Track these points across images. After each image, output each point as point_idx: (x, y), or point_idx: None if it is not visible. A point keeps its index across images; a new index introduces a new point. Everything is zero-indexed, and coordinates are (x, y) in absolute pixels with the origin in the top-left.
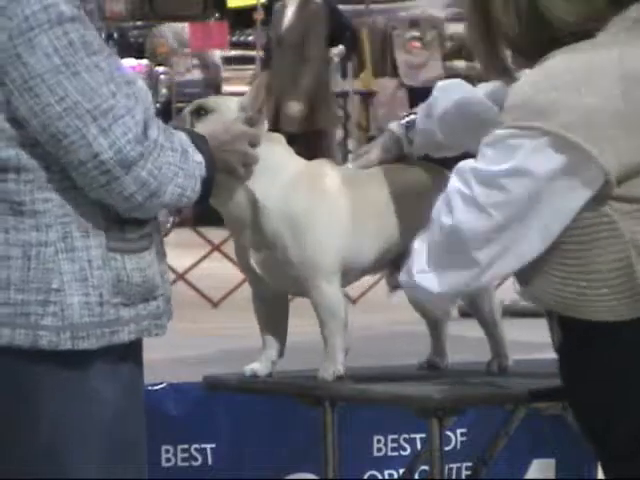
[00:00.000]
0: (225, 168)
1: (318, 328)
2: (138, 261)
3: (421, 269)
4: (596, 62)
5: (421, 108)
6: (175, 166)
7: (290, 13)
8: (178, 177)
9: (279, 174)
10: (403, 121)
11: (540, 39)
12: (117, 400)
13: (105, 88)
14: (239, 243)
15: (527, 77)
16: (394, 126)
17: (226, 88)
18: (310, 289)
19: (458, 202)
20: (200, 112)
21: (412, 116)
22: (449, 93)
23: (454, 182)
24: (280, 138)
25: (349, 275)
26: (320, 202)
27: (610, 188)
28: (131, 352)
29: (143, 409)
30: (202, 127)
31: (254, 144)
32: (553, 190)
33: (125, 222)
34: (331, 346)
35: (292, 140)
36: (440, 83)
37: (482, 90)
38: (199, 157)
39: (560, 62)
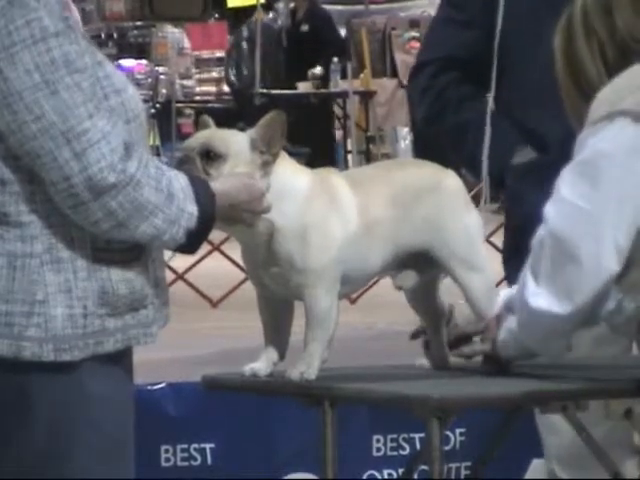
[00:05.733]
0: (237, 223)
1: None
2: (125, 272)
3: (532, 291)
4: None
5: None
6: (154, 206)
7: None
8: (156, 218)
9: (292, 194)
10: None
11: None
12: (106, 404)
13: (83, 108)
14: (249, 258)
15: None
16: None
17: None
18: (306, 294)
19: (550, 209)
20: (209, 155)
21: None
22: None
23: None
24: (282, 152)
25: (357, 281)
26: (332, 214)
27: None
28: (119, 359)
29: (132, 414)
30: (217, 175)
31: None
32: (634, 168)
33: None
34: (309, 352)
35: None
36: None
37: None
38: (192, 208)
39: (636, 67)
